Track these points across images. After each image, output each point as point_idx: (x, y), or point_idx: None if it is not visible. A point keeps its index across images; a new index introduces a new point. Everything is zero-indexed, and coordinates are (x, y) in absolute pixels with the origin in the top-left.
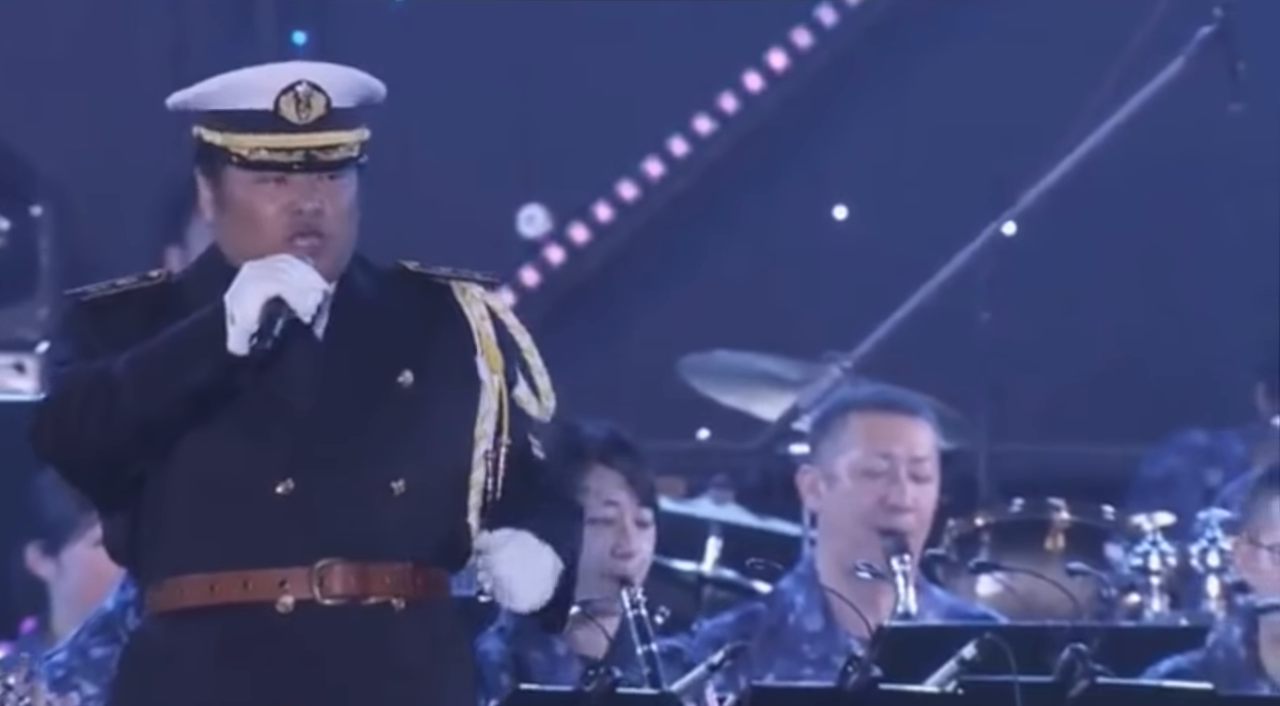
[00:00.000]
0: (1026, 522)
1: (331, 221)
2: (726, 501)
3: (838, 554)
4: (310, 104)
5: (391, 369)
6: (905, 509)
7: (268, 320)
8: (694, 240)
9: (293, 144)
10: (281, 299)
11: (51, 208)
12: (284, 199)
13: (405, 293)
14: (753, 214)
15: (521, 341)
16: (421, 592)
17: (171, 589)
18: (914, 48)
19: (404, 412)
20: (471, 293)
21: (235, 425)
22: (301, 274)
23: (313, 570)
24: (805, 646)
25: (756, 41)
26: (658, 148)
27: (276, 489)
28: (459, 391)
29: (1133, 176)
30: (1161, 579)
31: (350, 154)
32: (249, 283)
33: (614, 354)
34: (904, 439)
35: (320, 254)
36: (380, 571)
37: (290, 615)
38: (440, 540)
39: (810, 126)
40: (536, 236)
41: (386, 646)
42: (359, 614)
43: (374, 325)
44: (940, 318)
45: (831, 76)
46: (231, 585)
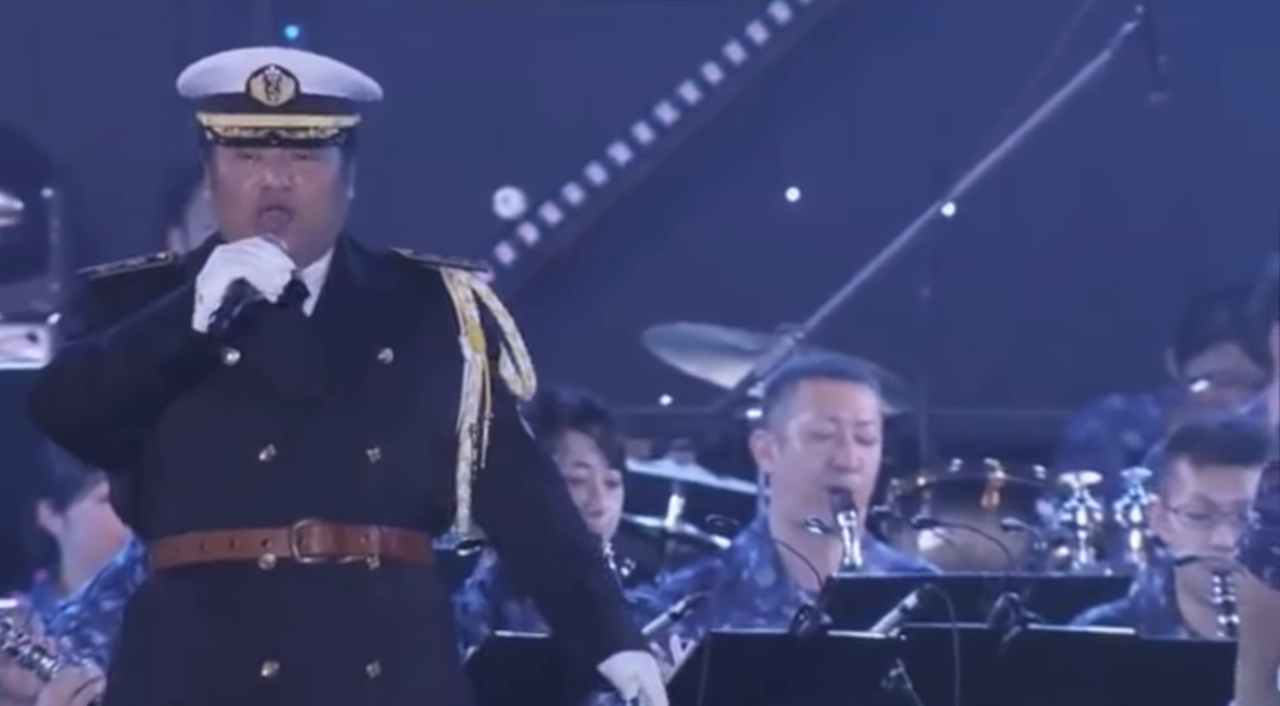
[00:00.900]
0: (964, 482)
1: (303, 199)
2: (688, 462)
3: (789, 511)
4: (279, 87)
5: (373, 346)
6: (851, 469)
7: (230, 300)
8: (658, 220)
9: (261, 123)
10: (246, 281)
11: (61, 190)
12: (257, 175)
13: (395, 276)
14: (712, 196)
15: (505, 325)
16: (397, 553)
17: (168, 547)
18: (861, 44)
19: (382, 387)
20: (458, 278)
21: (224, 396)
22: (268, 256)
23: (292, 530)
24: (758, 599)
25: (715, 37)
26: (624, 135)
27: (260, 455)
28: (441, 369)
29: (1061, 162)
30: (1088, 533)
31: (319, 136)
32: (217, 264)
33: (584, 325)
34: (850, 404)
35: (288, 229)
36: (355, 532)
37: (271, 571)
38: (419, 505)
39: (765, 115)
40: (512, 217)
41: (361, 602)
42: (335, 571)
43: (361, 305)
44: (884, 292)
45: (785, 70)
46: (220, 543)
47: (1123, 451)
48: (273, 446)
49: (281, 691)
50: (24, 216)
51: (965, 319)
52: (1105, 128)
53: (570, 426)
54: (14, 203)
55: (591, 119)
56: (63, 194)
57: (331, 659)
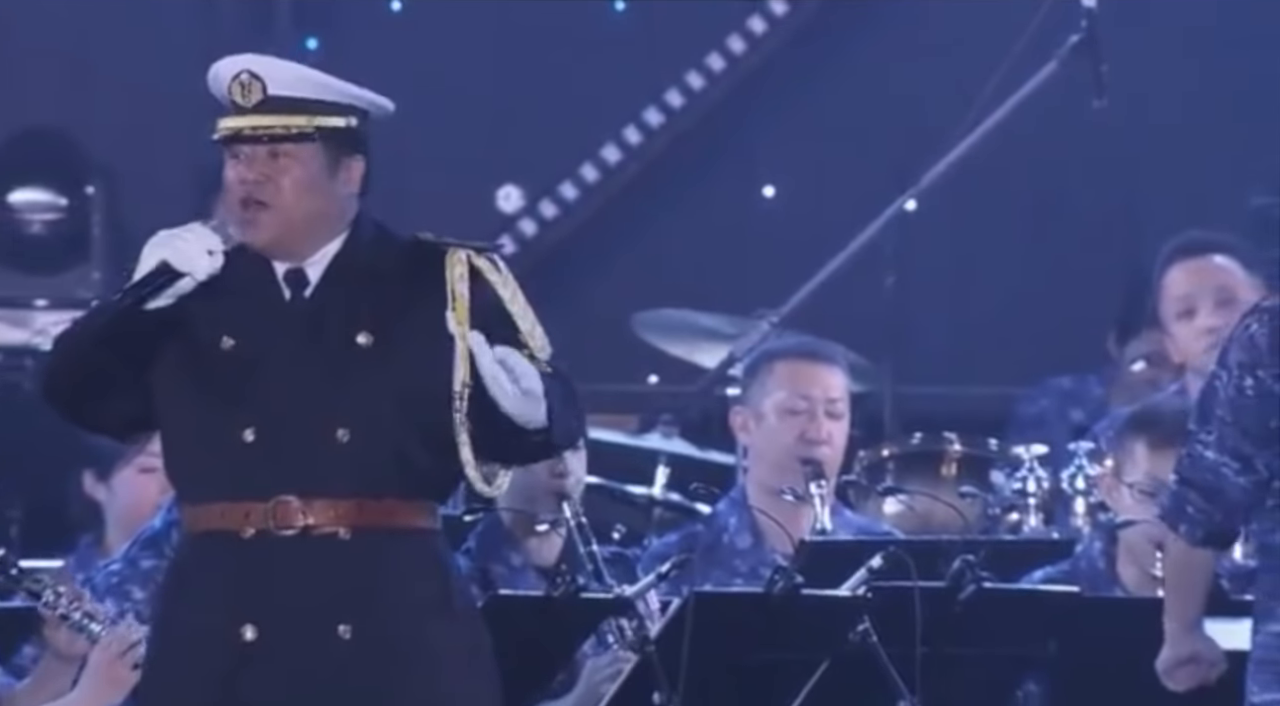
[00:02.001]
0: (924, 453)
1: (275, 192)
2: (673, 436)
3: (765, 480)
4: (250, 90)
5: (352, 330)
6: (821, 442)
7: (152, 277)
8: (646, 215)
9: (236, 123)
10: (169, 264)
11: (102, 187)
12: (238, 172)
13: (403, 260)
14: (695, 193)
15: (504, 293)
16: (369, 524)
17: (187, 514)
18: (832, 53)
19: (355, 370)
20: (458, 255)
21: (216, 380)
22: (194, 240)
23: (270, 504)
24: (737, 561)
25: (697, 48)
26: (615, 137)
27: (243, 435)
28: (427, 347)
29: (1013, 161)
30: (1037, 500)
31: (284, 133)
32: (149, 248)
33: (577, 311)
34: (820, 382)
35: (265, 219)
36: (326, 506)
37: (252, 542)
38: (395, 478)
39: (744, 119)
40: (512, 212)
41: (333, 571)
42: (308, 543)
43: (353, 290)
44: (852, 281)
45: (761, 78)
46: (212, 515)
47: (1069, 426)
48: (253, 428)
49: (260, 653)
50: (68, 211)
51: (925, 305)
52: (1052, 130)
53: None
54: (59, 199)
55: (585, 123)
56: (103, 191)
57: (306, 623)
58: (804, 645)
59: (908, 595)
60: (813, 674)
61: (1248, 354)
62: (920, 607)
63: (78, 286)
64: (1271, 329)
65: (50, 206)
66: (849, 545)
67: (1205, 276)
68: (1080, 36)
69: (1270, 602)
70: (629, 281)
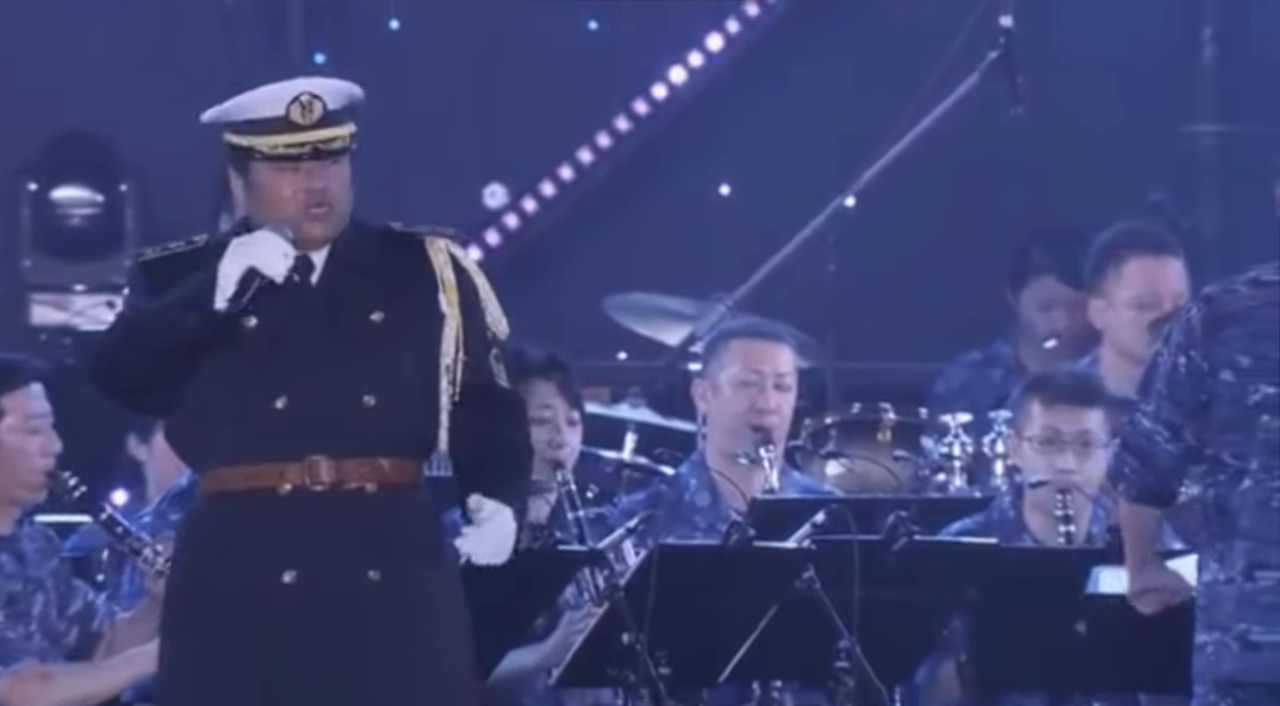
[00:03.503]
0: (862, 421)
1: (334, 196)
2: (640, 406)
3: (721, 445)
4: (312, 108)
5: (366, 310)
6: (771, 411)
7: (243, 284)
8: (616, 210)
9: (302, 140)
10: (256, 269)
11: (134, 184)
12: (300, 182)
13: (388, 248)
14: (660, 190)
15: (477, 280)
16: (391, 479)
17: (211, 478)
18: (781, 68)
19: (374, 344)
20: (438, 244)
21: (247, 355)
22: (272, 245)
23: (303, 464)
24: (697, 517)
25: (662, 62)
26: (589, 141)
27: (276, 403)
28: (424, 324)
29: (940, 162)
30: (961, 462)
31: (345, 144)
32: (231, 256)
33: (556, 295)
34: (770, 358)
35: (327, 219)
36: (356, 465)
37: (288, 498)
38: (409, 439)
39: (702, 124)
40: (497, 207)
41: (362, 521)
42: (340, 497)
43: (358, 275)
44: (799, 268)
45: (719, 87)
46: (247, 475)
47: (990, 387)
48: (286, 396)
49: (299, 594)
50: (104, 207)
51: (863, 290)
52: (974, 135)
53: (537, 376)
54: (96, 196)
55: (562, 128)
56: (135, 188)
57: (339, 567)
58: (756, 591)
59: (847, 547)
60: (764, 616)
61: (1185, 336)
62: (858, 558)
63: (112, 273)
64: (1207, 314)
65: (88, 202)
66: (796, 503)
67: (1171, 282)
68: (998, 53)
69: (1205, 555)
70: (601, 268)
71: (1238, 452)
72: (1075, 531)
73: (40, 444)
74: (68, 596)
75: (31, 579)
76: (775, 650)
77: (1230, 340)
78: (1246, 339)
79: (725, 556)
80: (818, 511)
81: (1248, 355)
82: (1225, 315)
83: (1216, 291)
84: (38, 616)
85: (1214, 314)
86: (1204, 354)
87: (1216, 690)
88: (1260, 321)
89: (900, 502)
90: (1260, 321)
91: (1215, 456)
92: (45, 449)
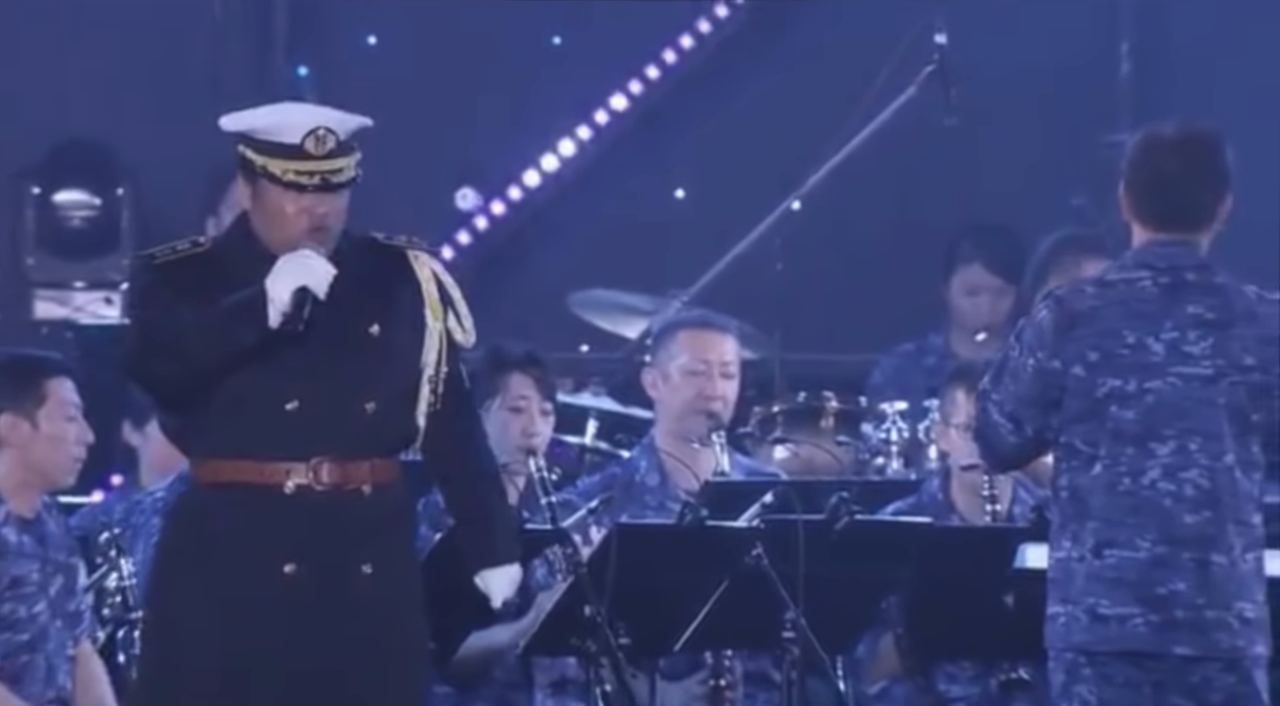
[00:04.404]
0: (807, 409)
1: (334, 221)
2: (601, 394)
3: (670, 429)
4: (326, 142)
5: (365, 322)
6: (717, 397)
7: (297, 303)
8: (579, 212)
9: (312, 169)
10: (307, 287)
11: (130, 188)
12: (304, 205)
13: (375, 259)
14: (619, 194)
15: (454, 293)
16: (382, 478)
17: (210, 468)
18: (732, 81)
19: (373, 355)
20: (421, 259)
21: (262, 364)
22: (320, 265)
23: (309, 464)
24: (647, 496)
25: (621, 75)
26: (553, 148)
27: (286, 407)
28: (411, 336)
29: (880, 168)
30: (898, 447)
31: (351, 175)
32: (283, 275)
33: (523, 291)
34: (716, 349)
35: (324, 242)
36: (356, 466)
37: (293, 495)
38: (398, 441)
39: (659, 133)
40: (468, 210)
41: (358, 519)
42: (341, 495)
43: (354, 288)
44: (748, 266)
45: (675, 100)
46: (253, 470)
47: (923, 375)
48: (296, 401)
49: (299, 585)
50: (102, 209)
51: (808, 287)
52: (910, 143)
53: (515, 369)
54: (94, 199)
55: (528, 137)
56: (131, 192)
57: (336, 561)
58: (708, 567)
59: (793, 526)
60: (716, 590)
61: (1036, 337)
62: (803, 536)
63: (110, 271)
64: (1058, 315)
65: (87, 205)
66: (745, 484)
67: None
68: (933, 67)
69: (1058, 534)
70: (564, 266)
71: (1089, 440)
72: (1000, 510)
73: (77, 432)
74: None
75: (51, 561)
76: (726, 621)
77: (1080, 338)
78: (1095, 336)
79: (680, 535)
80: (766, 493)
81: (1096, 351)
82: (1075, 314)
83: (1065, 293)
84: (52, 597)
85: (1064, 314)
86: (1055, 352)
87: (1072, 657)
88: (1106, 319)
89: (842, 485)
90: (1106, 319)
91: (1068, 444)
92: (81, 437)
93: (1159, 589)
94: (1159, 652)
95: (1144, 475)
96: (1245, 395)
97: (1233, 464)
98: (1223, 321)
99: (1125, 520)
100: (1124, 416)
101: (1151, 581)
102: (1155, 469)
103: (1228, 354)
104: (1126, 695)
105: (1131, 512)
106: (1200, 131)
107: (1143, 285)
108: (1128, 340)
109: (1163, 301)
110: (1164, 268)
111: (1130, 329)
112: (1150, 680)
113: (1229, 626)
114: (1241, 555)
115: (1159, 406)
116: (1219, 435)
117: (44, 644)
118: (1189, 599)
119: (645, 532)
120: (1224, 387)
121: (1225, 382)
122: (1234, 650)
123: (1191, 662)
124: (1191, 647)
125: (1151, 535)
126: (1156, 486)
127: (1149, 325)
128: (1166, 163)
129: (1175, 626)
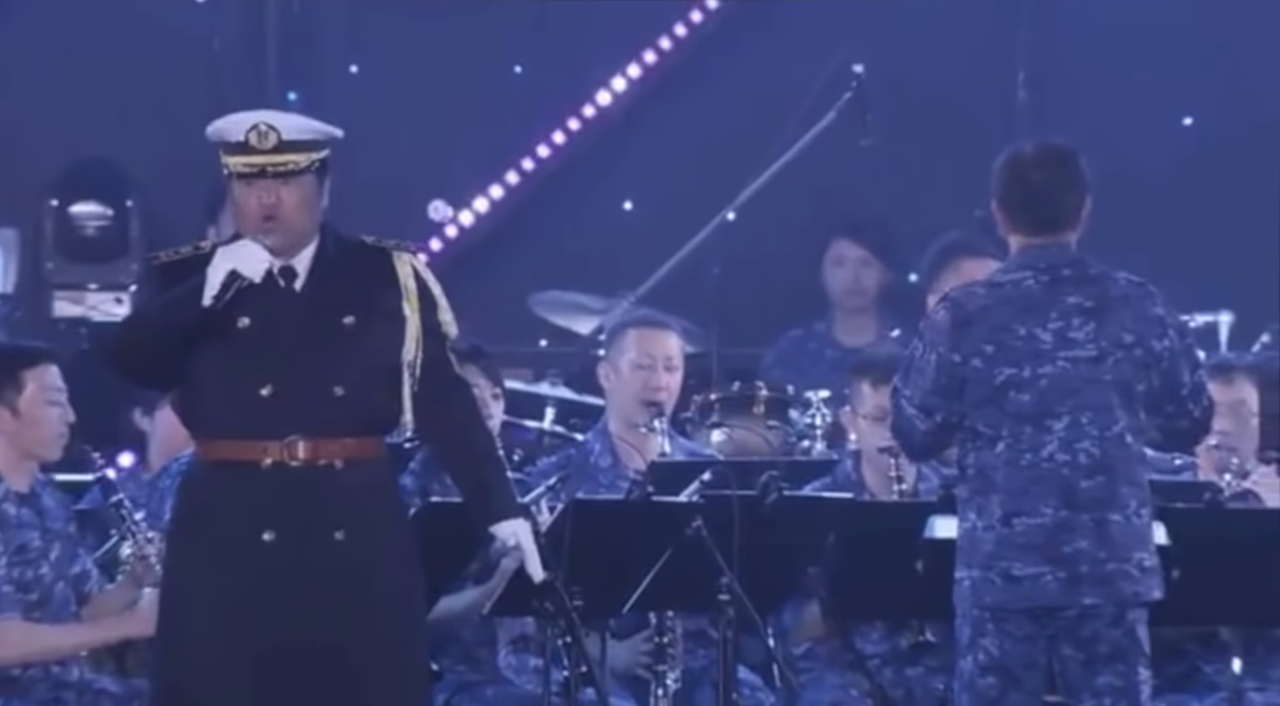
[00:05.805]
0: (741, 397)
1: (286, 211)
2: (558, 384)
3: (622, 417)
4: (267, 137)
5: (340, 314)
6: (661, 388)
7: (226, 285)
8: (539, 222)
9: (254, 162)
10: (236, 270)
11: (138, 200)
12: (255, 197)
13: (360, 258)
14: (575, 206)
15: (434, 289)
16: (356, 455)
17: (206, 446)
18: (675, 103)
19: (345, 343)
20: (403, 258)
21: (240, 349)
22: (252, 252)
23: (283, 443)
24: (600, 476)
25: (574, 100)
26: (515, 165)
27: (262, 391)
28: (388, 327)
29: (803, 183)
30: (822, 431)
31: (294, 168)
32: (220, 261)
33: (488, 292)
34: (660, 344)
35: (276, 232)
36: (327, 444)
37: (269, 470)
38: (373, 420)
39: (609, 151)
40: (440, 220)
41: (331, 490)
42: (313, 470)
43: (333, 282)
44: (689, 271)
45: (624, 122)
46: (235, 449)
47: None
48: (271, 386)
49: (275, 551)
50: (113, 219)
51: (742, 288)
52: (831, 162)
53: (465, 361)
54: (106, 210)
55: (493, 154)
56: (139, 204)
57: (311, 528)
58: (653, 537)
59: (729, 501)
60: (660, 558)
61: (935, 334)
62: (738, 510)
63: (120, 274)
64: (954, 314)
65: (100, 216)
66: (686, 465)
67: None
68: (851, 93)
69: (964, 507)
70: (526, 270)
71: (990, 423)
72: (905, 489)
73: (58, 414)
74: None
75: (50, 530)
76: (669, 586)
77: (976, 334)
78: (989, 331)
79: (628, 509)
80: (705, 472)
81: (991, 344)
82: (969, 313)
83: (959, 294)
84: (54, 562)
85: (959, 313)
86: (954, 347)
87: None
88: (998, 316)
89: (772, 464)
90: (998, 316)
91: (972, 427)
92: (62, 417)
93: (1064, 548)
94: (1069, 604)
95: (1043, 450)
96: (1129, 370)
97: (1122, 430)
98: (1101, 307)
99: (1029, 490)
100: (1021, 399)
101: (1057, 542)
102: (1052, 443)
103: (1109, 336)
104: (1024, 647)
105: (1034, 483)
106: (1056, 146)
107: (1027, 284)
108: (1019, 332)
109: (1046, 296)
110: (1043, 267)
111: (1020, 322)
112: (1045, 634)
113: (1130, 575)
114: (1135, 512)
115: (1051, 388)
116: (1108, 407)
117: (49, 603)
118: (1092, 554)
119: (598, 507)
120: (1109, 366)
121: (1110, 361)
122: (1135, 596)
123: (1085, 618)
124: (1098, 597)
125: (1053, 502)
126: (1054, 458)
127: (1036, 318)
128: (1031, 176)
129: (1081, 580)
